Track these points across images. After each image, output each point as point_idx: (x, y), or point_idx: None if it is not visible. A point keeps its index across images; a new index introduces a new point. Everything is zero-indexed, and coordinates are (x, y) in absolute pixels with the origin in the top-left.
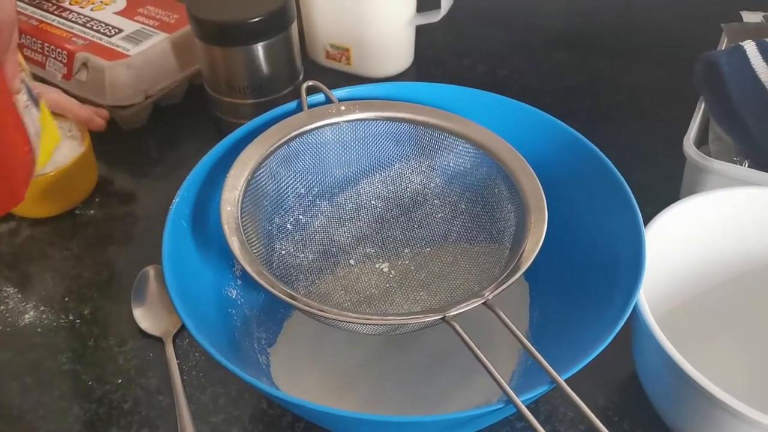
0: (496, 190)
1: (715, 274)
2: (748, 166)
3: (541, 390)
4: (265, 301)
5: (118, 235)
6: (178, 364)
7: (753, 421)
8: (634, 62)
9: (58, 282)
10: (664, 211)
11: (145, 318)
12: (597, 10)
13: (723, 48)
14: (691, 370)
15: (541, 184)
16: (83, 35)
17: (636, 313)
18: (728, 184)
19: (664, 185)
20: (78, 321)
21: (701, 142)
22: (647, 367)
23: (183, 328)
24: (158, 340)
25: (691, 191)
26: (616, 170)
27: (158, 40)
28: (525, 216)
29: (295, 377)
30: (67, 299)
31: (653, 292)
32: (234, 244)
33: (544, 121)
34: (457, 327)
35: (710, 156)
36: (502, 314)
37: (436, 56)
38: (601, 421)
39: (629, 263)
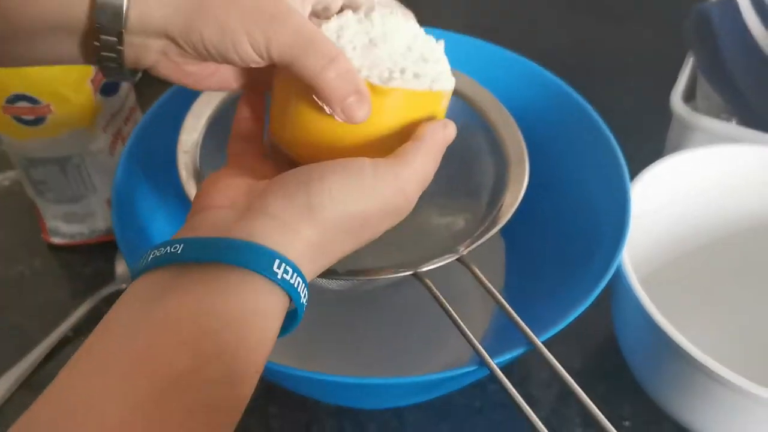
0: (474, 142)
1: (700, 234)
2: (737, 123)
3: (516, 352)
4: None
5: None
6: None
7: (738, 388)
8: (621, 20)
9: None
10: (649, 167)
11: None
12: None
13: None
14: (675, 334)
15: (524, 137)
16: None
17: (618, 274)
18: (715, 141)
19: (649, 144)
20: None
21: (689, 98)
22: (627, 330)
23: None
24: None
25: (677, 148)
26: (602, 123)
27: None
28: (505, 170)
29: None
30: None
31: (636, 252)
32: (190, 189)
33: (529, 70)
34: (429, 283)
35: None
36: (477, 270)
37: None
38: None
39: (613, 221)
